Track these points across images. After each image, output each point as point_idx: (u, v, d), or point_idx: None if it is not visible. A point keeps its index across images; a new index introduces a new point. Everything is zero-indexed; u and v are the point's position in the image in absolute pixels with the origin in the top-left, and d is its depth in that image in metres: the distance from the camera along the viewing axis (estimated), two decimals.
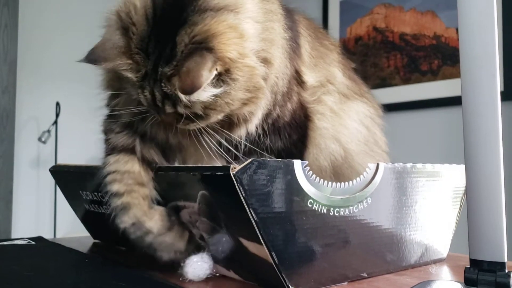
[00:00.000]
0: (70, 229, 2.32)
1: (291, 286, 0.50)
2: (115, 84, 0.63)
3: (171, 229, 0.59)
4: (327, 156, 0.71)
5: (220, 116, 0.59)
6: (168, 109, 0.57)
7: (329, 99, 0.73)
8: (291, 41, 0.68)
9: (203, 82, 0.53)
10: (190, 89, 0.54)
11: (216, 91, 0.55)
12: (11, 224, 2.30)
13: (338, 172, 0.70)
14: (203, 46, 0.54)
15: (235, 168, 0.47)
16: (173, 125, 0.60)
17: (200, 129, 0.61)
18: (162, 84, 0.56)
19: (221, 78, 0.56)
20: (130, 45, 0.57)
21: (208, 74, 0.53)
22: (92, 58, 0.58)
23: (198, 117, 0.58)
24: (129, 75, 0.57)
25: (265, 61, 0.61)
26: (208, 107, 0.57)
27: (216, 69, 0.55)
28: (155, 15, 0.57)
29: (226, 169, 0.47)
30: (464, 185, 0.69)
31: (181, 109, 0.57)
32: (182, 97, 0.55)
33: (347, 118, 0.74)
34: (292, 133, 0.69)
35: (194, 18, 0.56)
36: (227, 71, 0.56)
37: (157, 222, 0.59)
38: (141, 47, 0.57)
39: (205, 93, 0.55)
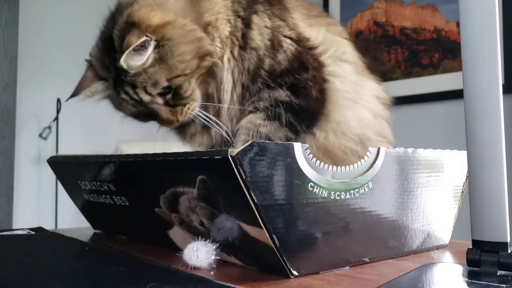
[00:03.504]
0: (71, 226, 2.32)
1: (293, 270, 0.50)
2: None
3: None
4: (357, 118, 0.73)
5: (192, 83, 0.68)
6: (144, 96, 0.67)
7: (347, 67, 0.75)
8: (267, 6, 0.74)
9: (131, 44, 0.63)
10: (125, 48, 0.64)
11: (150, 49, 0.65)
12: (12, 221, 2.30)
13: (364, 142, 0.72)
14: (127, 25, 0.66)
15: (233, 151, 0.46)
16: (173, 122, 0.70)
17: (197, 116, 0.71)
18: (123, 77, 0.67)
19: (160, 44, 0.66)
20: (96, 71, 0.71)
21: (136, 39, 0.64)
22: (74, 93, 0.72)
23: (178, 94, 0.68)
24: (108, 91, 0.71)
25: (206, 24, 0.70)
26: (171, 77, 0.66)
27: (147, 36, 0.64)
28: (101, 40, 0.71)
29: (224, 152, 0.47)
30: (466, 172, 0.69)
31: (152, 90, 0.67)
32: (124, 64, 0.64)
33: (365, 88, 0.76)
34: (293, 75, 0.71)
35: (117, 18, 0.69)
36: (161, 35, 0.66)
37: None
38: (102, 66, 0.70)
39: (143, 56, 0.65)
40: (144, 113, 0.72)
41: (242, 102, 0.72)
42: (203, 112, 0.71)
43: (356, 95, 0.75)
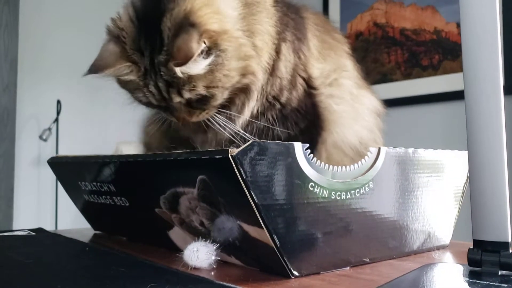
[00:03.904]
0: (72, 227, 2.32)
1: (293, 270, 0.50)
2: None
3: None
4: (355, 134, 0.74)
5: (225, 94, 0.64)
6: (175, 97, 0.62)
7: (347, 83, 0.77)
8: (293, 35, 0.72)
9: (194, 52, 0.58)
10: (184, 60, 0.58)
11: (209, 60, 0.60)
12: (12, 223, 2.30)
13: (361, 154, 0.72)
14: (186, 23, 0.60)
15: (234, 150, 0.46)
16: (188, 121, 0.66)
17: (211, 120, 0.67)
18: (162, 73, 0.61)
19: (211, 51, 0.61)
20: (125, 49, 0.62)
21: (197, 45, 0.59)
22: (93, 69, 0.63)
23: (206, 100, 0.63)
24: (132, 77, 0.63)
25: (254, 45, 0.66)
26: (210, 85, 0.62)
27: (204, 42, 0.60)
28: (138, 16, 0.63)
29: (224, 152, 0.47)
30: (467, 172, 0.68)
31: (186, 94, 0.62)
32: (179, 72, 0.59)
33: (363, 103, 0.78)
34: (299, 121, 0.71)
35: (170, 5, 0.61)
36: (215, 44, 0.61)
37: None
38: (135, 47, 0.62)
39: (199, 65, 0.60)
40: (158, 106, 0.67)
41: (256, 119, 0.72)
42: (220, 116, 0.68)
43: (357, 111, 0.77)
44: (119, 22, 0.64)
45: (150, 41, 0.61)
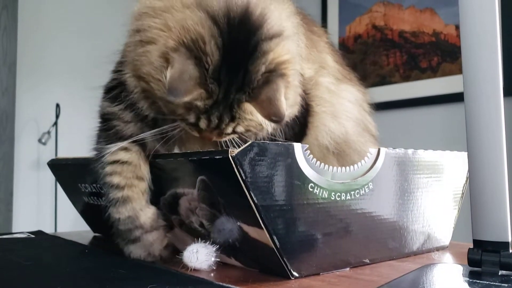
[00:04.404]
0: (71, 230, 2.31)
1: (293, 271, 0.50)
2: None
3: (157, 229, 0.61)
4: (327, 134, 0.73)
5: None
6: (229, 129, 0.59)
7: (325, 80, 0.75)
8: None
9: (284, 112, 0.57)
10: (279, 117, 0.57)
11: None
12: (11, 226, 2.29)
13: (340, 150, 0.71)
14: (278, 73, 0.58)
15: (234, 151, 0.46)
16: (211, 139, 0.61)
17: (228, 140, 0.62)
18: (234, 110, 0.58)
19: None
20: (204, 75, 0.57)
21: (283, 99, 0.57)
22: (175, 92, 0.56)
23: (241, 133, 0.60)
24: (198, 103, 0.57)
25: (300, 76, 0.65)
26: (260, 124, 0.59)
27: None
28: (224, 44, 0.57)
29: (225, 152, 0.47)
30: (466, 173, 0.69)
31: (239, 128, 0.59)
32: (264, 123, 0.58)
33: (343, 97, 0.77)
34: (294, 126, 0.70)
35: (263, 46, 0.58)
36: (285, 93, 0.59)
37: (150, 219, 0.60)
38: (215, 76, 0.57)
39: None
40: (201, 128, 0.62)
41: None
42: (236, 139, 0.64)
43: (335, 107, 0.76)
44: (201, 42, 0.57)
45: (231, 75, 0.57)
